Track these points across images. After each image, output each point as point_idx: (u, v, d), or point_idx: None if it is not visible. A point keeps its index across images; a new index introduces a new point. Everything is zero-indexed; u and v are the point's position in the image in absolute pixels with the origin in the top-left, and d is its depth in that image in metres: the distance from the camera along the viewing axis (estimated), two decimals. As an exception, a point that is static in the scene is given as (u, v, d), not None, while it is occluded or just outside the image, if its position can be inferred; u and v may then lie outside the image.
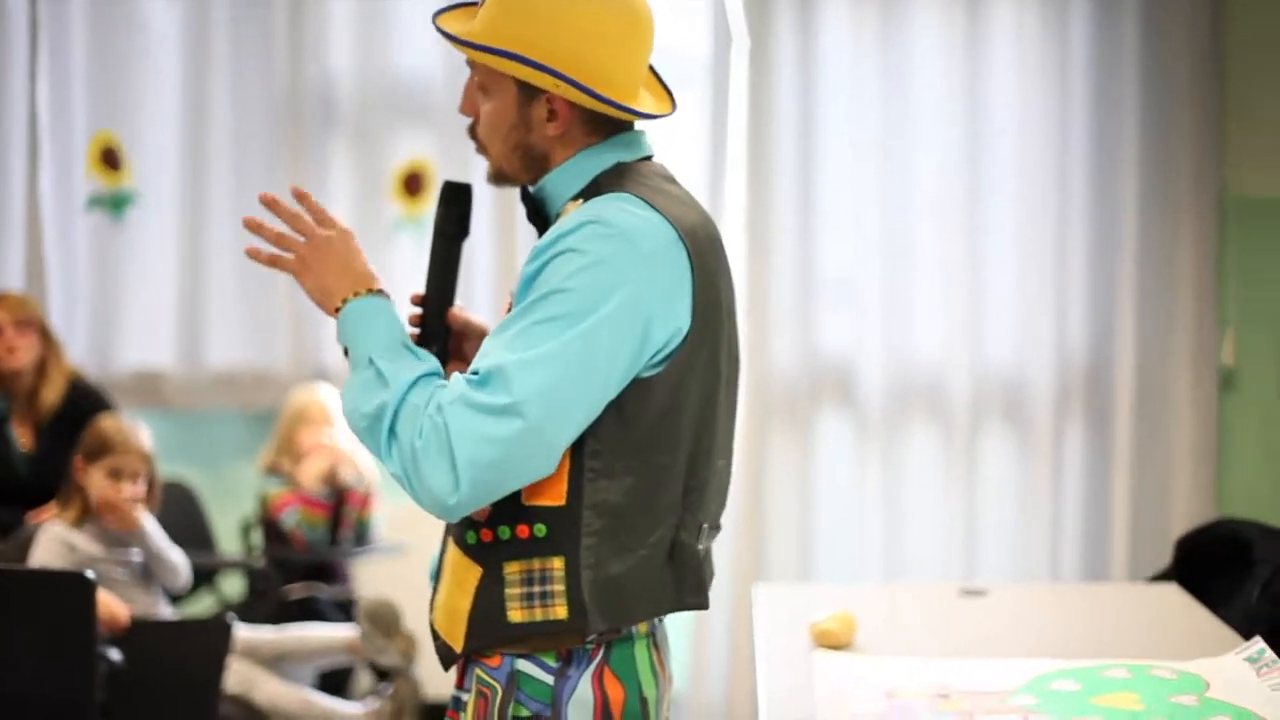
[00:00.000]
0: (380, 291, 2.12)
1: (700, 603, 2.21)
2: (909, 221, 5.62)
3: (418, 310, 2.29)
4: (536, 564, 2.07)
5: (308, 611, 4.97)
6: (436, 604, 2.18)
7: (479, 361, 1.98)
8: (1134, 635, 3.17)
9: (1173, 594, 3.59)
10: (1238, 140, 5.60)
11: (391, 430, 1.97)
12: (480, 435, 1.93)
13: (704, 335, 2.13)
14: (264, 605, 4.95)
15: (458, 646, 2.12)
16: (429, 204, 5.54)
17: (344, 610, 5.04)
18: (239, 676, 4.38)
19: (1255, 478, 5.64)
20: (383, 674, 5.07)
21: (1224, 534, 4.07)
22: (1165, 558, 4.53)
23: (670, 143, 5.08)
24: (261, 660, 4.58)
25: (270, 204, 2.16)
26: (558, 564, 2.06)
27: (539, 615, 2.06)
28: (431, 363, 2.05)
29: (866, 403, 5.62)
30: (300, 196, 2.17)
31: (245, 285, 5.68)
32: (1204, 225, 5.55)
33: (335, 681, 4.90)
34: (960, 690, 2.74)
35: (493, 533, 2.08)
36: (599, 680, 2.08)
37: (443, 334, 2.25)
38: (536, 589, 2.06)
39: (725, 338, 2.19)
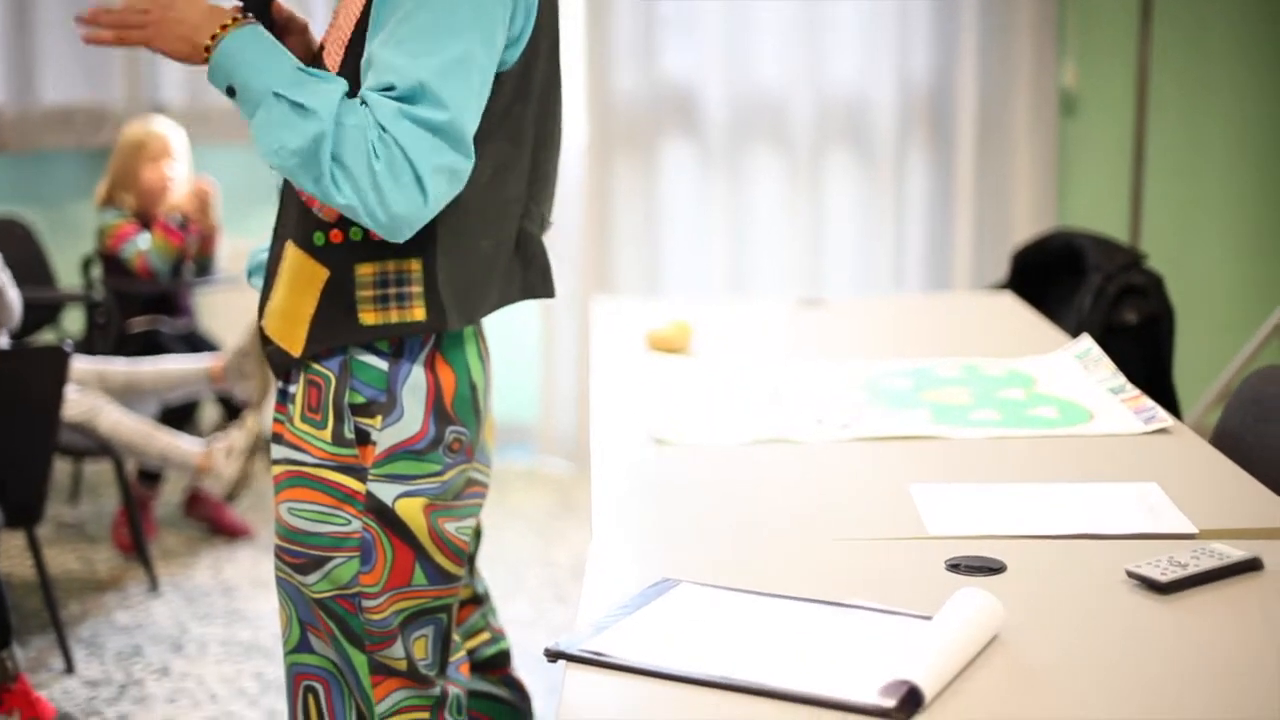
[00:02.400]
0: (247, 17, 2.02)
1: (548, 291, 2.23)
2: (752, -56, 5.56)
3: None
4: (392, 265, 2.04)
5: (150, 345, 4.92)
6: (270, 309, 2.14)
7: (386, 75, 1.90)
8: (969, 339, 3.23)
9: (1008, 302, 3.66)
10: None
11: (335, 159, 1.89)
12: (432, 147, 1.88)
13: (548, 23, 2.11)
14: (105, 339, 4.89)
15: (296, 350, 2.10)
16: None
17: (187, 343, 5.00)
18: (83, 406, 4.34)
19: (1094, 199, 5.73)
20: (230, 412, 5.06)
21: (1058, 245, 4.14)
22: (1005, 273, 4.60)
23: None
24: (113, 390, 4.55)
25: (93, 18, 2.02)
26: (415, 265, 2.04)
27: (394, 318, 2.04)
28: (340, 81, 1.95)
29: (710, 129, 5.61)
30: None
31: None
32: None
33: (174, 421, 4.87)
34: (794, 389, 2.79)
35: (343, 234, 2.05)
36: (431, 366, 2.08)
37: (267, 27, 2.19)
38: (392, 290, 2.04)
39: (558, 31, 2.17)
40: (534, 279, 2.22)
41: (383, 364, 2.07)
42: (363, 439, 2.07)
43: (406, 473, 2.08)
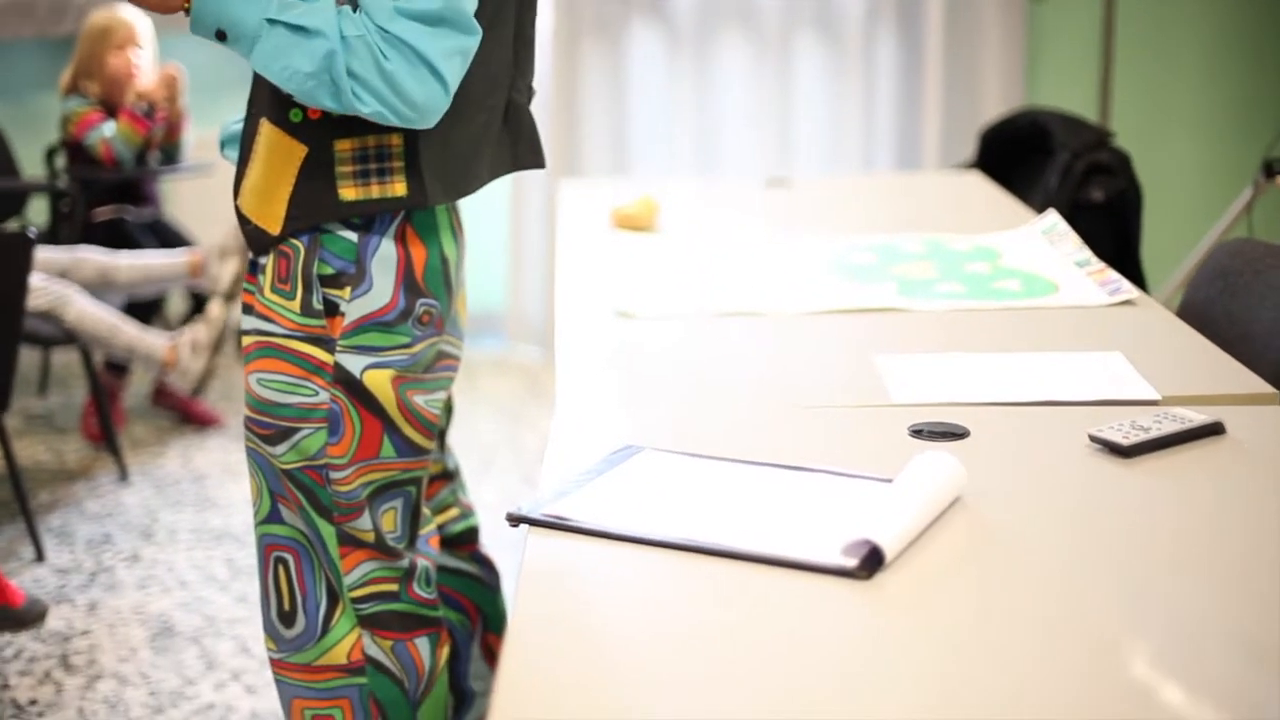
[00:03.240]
0: None
1: (538, 162, 2.22)
2: None
3: None
4: (371, 140, 2.02)
5: (115, 234, 4.88)
6: (246, 187, 2.11)
7: None
8: (935, 217, 3.22)
9: (975, 180, 3.65)
10: None
11: (350, 73, 1.86)
12: (436, 35, 1.87)
13: None
14: (70, 228, 4.85)
15: (275, 228, 2.07)
16: None
17: (152, 232, 4.96)
18: (50, 295, 4.31)
19: (1063, 80, 5.71)
20: (196, 305, 5.03)
21: (1026, 124, 4.13)
22: (973, 152, 4.59)
23: None
24: (86, 280, 4.51)
25: None
26: (395, 140, 2.01)
27: (375, 193, 2.02)
28: None
29: (677, 11, 5.56)
30: None
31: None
32: None
33: (141, 313, 4.85)
34: (759, 264, 2.78)
35: (321, 109, 2.02)
36: (401, 239, 2.07)
37: None
38: (373, 165, 2.02)
39: None
40: (523, 151, 2.20)
41: (352, 236, 2.05)
42: (331, 310, 2.06)
43: (375, 344, 2.07)
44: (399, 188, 2.03)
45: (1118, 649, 1.13)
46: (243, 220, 2.12)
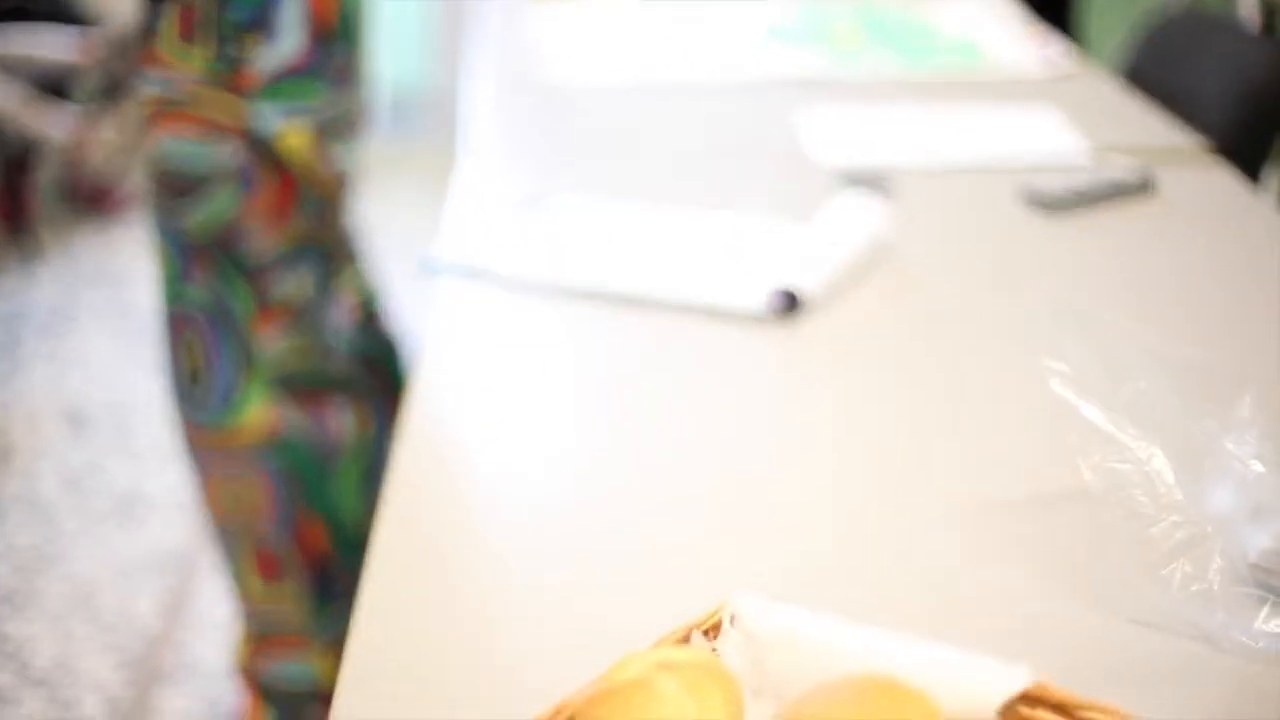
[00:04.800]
0: None
1: None
2: None
3: None
4: None
5: (10, 11, 4.72)
6: None
7: None
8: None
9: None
10: None
11: None
12: None
13: None
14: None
15: None
16: None
17: (49, 7, 4.79)
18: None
19: None
20: (107, 90, 4.88)
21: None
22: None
23: None
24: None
25: None
26: None
27: None
28: None
29: None
30: None
31: None
32: None
33: (48, 96, 4.70)
34: (686, 31, 2.70)
35: None
36: None
37: None
38: None
39: None
40: None
41: None
42: (240, 64, 1.97)
43: (286, 99, 1.98)
44: None
45: (1041, 378, 1.09)
46: None
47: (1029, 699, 0.79)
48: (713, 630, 0.86)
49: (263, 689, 2.18)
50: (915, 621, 0.84)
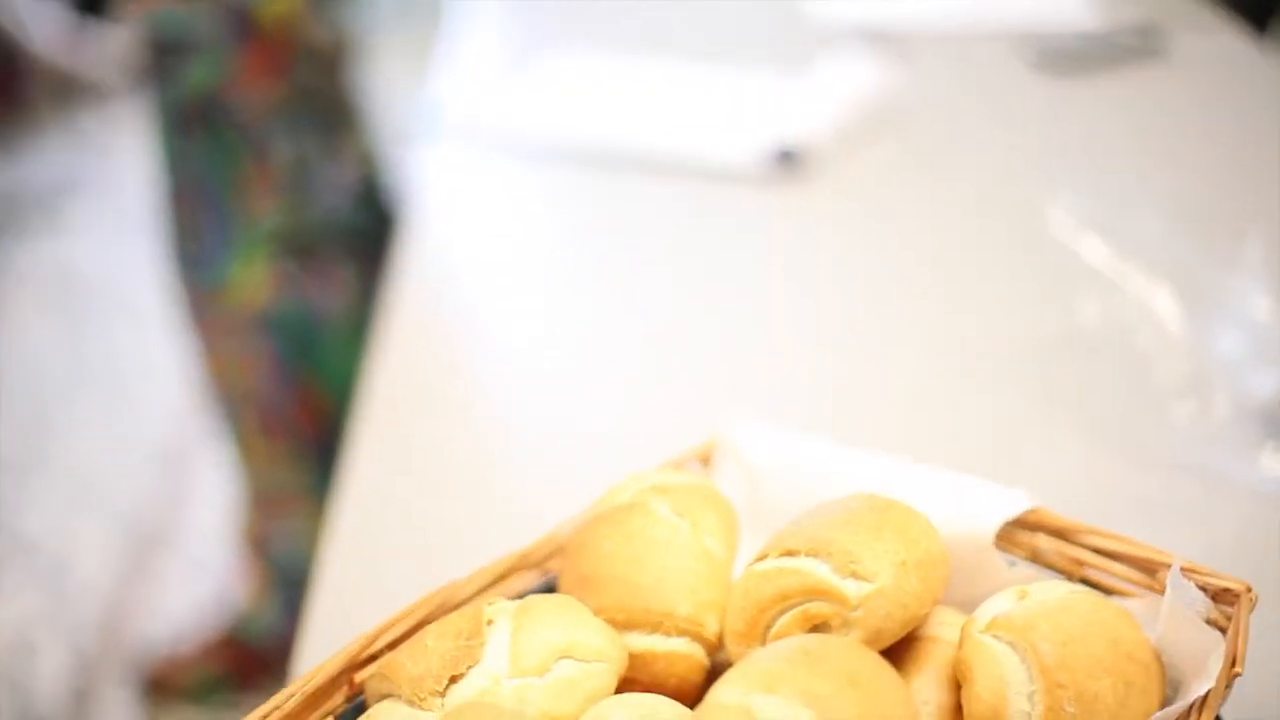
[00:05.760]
0: None
1: None
2: None
3: None
4: None
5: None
6: None
7: None
8: None
9: None
10: None
11: None
12: None
13: None
14: None
15: None
16: None
17: None
18: None
19: None
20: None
21: None
22: None
23: None
24: None
25: None
26: None
27: None
28: None
29: None
30: None
31: None
32: None
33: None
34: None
35: None
36: None
37: None
38: None
39: None
40: None
41: None
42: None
43: None
44: None
45: (1044, 224, 1.07)
46: None
47: (1028, 524, 0.77)
48: (707, 459, 0.85)
49: (263, 550, 2.18)
50: (913, 453, 0.83)
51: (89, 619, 2.47)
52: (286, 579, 2.15)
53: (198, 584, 2.48)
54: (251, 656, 2.22)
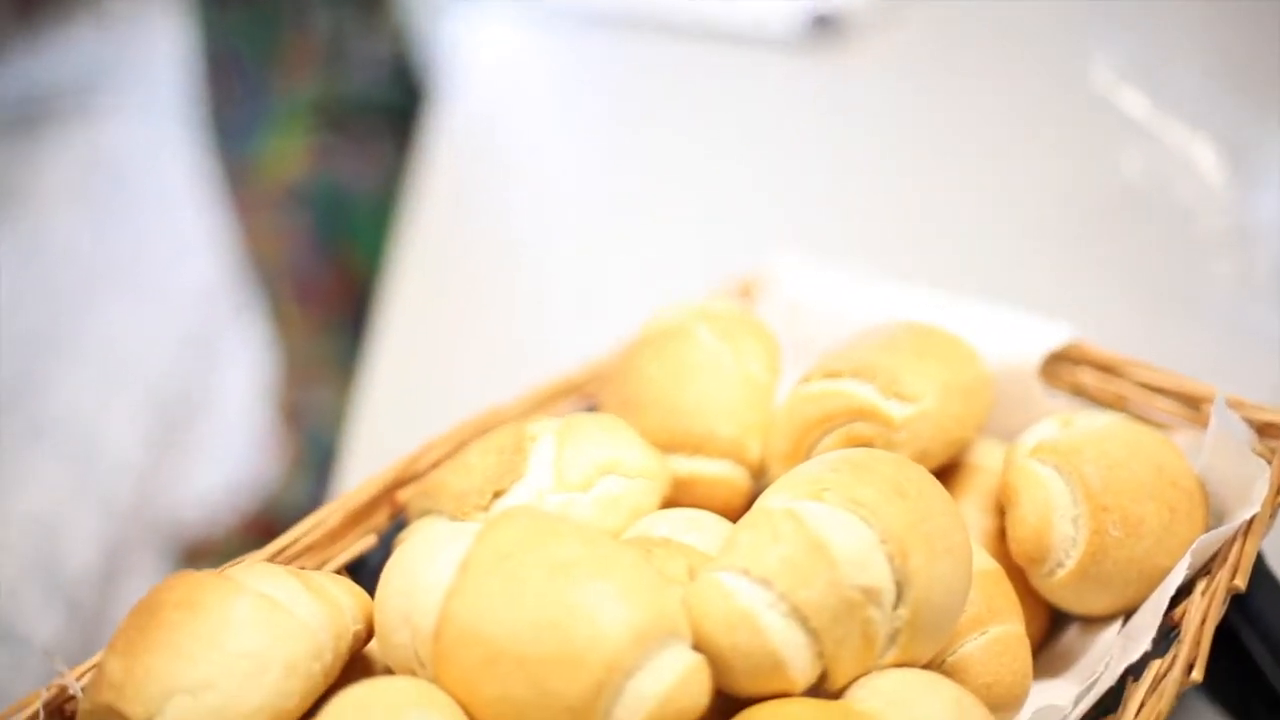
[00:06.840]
0: None
1: None
2: None
3: None
4: None
5: None
6: None
7: None
8: None
9: None
10: None
11: None
12: None
13: None
14: None
15: None
16: None
17: None
18: None
19: None
20: None
21: None
22: None
23: None
24: None
25: None
26: None
27: None
28: None
29: None
30: None
31: None
32: None
33: None
34: None
35: None
36: None
37: None
38: None
39: None
40: None
41: None
42: None
43: None
44: None
45: (1086, 75, 1.06)
46: None
47: (1070, 358, 0.77)
48: (749, 293, 0.84)
49: (296, 423, 2.18)
50: (956, 290, 0.82)
51: (120, 495, 2.48)
52: (318, 451, 2.16)
53: (229, 459, 2.48)
54: (283, 529, 2.23)
